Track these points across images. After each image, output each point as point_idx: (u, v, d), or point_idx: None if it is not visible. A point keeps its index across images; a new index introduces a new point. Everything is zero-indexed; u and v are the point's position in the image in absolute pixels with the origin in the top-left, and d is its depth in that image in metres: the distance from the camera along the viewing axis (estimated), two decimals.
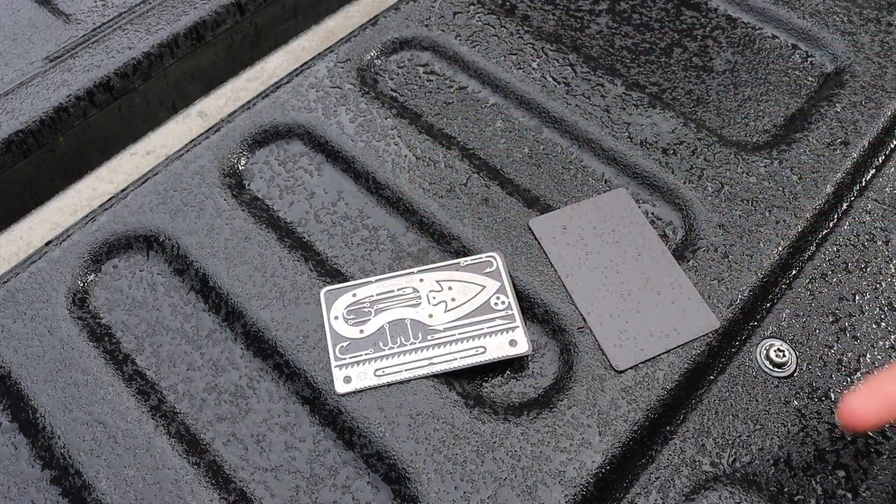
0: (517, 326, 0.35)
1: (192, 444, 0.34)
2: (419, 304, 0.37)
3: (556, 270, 0.38)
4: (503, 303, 0.36)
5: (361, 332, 0.36)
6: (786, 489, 0.32)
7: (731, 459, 0.33)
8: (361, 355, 0.35)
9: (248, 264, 0.39)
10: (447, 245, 0.40)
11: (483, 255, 0.38)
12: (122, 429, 0.34)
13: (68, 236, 0.41)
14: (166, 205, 0.42)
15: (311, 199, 0.42)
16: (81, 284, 0.39)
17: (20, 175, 0.47)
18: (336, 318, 0.37)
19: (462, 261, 0.38)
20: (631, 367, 0.35)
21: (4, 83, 0.48)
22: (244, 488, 0.33)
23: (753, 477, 0.33)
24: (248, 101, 0.47)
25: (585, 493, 0.32)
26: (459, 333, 0.35)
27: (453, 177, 0.42)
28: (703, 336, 0.36)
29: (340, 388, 0.35)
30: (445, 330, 0.36)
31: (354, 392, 0.35)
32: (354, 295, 0.37)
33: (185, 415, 0.35)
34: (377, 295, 0.37)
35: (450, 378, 0.35)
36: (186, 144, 0.45)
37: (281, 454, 0.34)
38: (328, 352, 0.36)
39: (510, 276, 0.37)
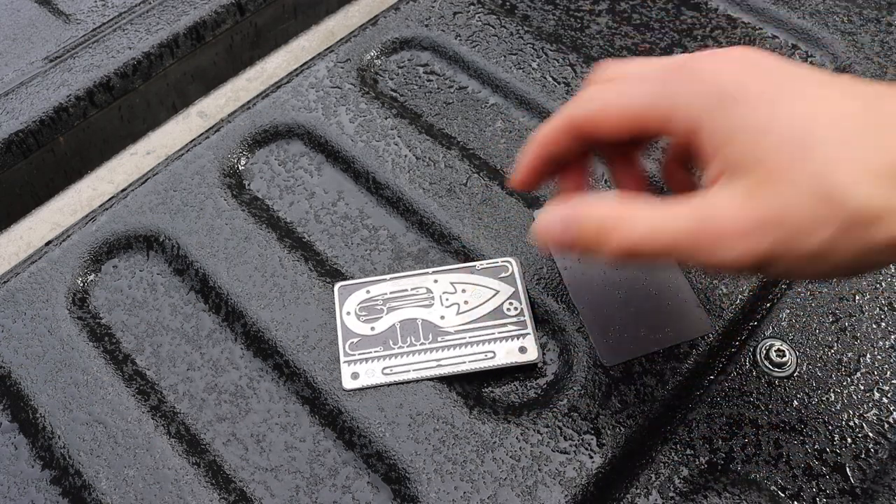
0: (528, 333, 0.35)
1: (192, 444, 0.34)
2: (432, 304, 0.37)
3: (555, 264, 0.38)
4: (516, 309, 0.36)
5: (372, 329, 0.36)
6: (786, 489, 0.32)
7: (731, 459, 0.33)
8: (371, 352, 0.35)
9: (248, 264, 0.39)
10: (447, 245, 0.40)
11: (499, 260, 0.38)
12: (122, 429, 0.34)
13: (68, 236, 0.41)
14: (166, 205, 0.42)
15: (311, 199, 0.42)
16: (81, 284, 0.39)
17: (20, 175, 0.47)
18: (348, 313, 0.37)
19: (477, 264, 0.38)
20: (618, 364, 0.35)
21: (4, 83, 0.48)
22: (244, 488, 0.33)
23: (753, 477, 0.33)
24: (248, 101, 0.47)
25: (585, 493, 0.32)
26: (470, 337, 0.35)
27: (453, 177, 0.42)
28: (696, 339, 0.36)
29: (348, 383, 0.35)
30: (456, 332, 0.36)
31: (361, 389, 0.35)
32: (368, 291, 0.37)
33: (185, 415, 0.35)
34: (391, 293, 0.37)
35: (450, 378, 0.35)
36: (186, 144, 0.45)
37: (281, 454, 0.34)
38: (338, 346, 0.36)
39: (525, 282, 0.37)
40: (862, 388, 0.35)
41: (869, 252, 0.24)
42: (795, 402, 0.35)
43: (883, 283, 0.38)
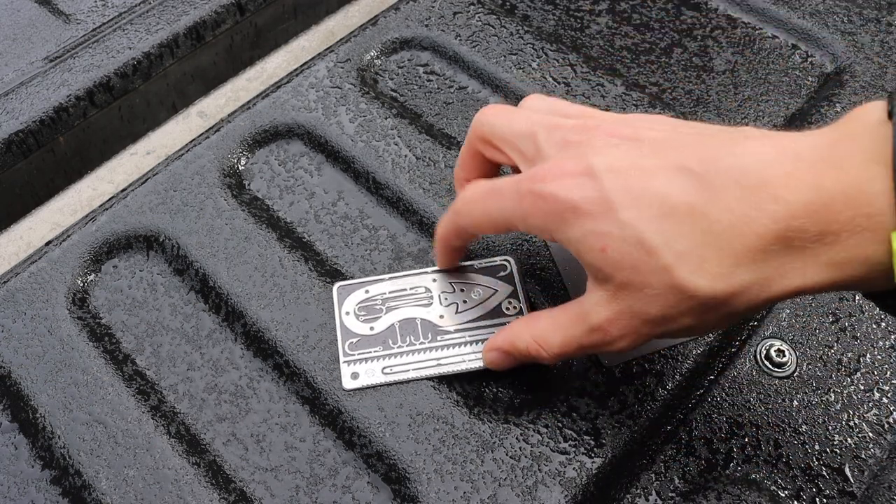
0: None
1: (192, 444, 0.34)
2: (431, 304, 0.37)
3: (554, 264, 0.38)
4: (514, 307, 0.36)
5: (372, 328, 0.36)
6: (786, 489, 0.32)
7: (731, 459, 0.33)
8: (370, 352, 0.35)
9: (248, 264, 0.39)
10: None
11: (497, 259, 0.38)
12: (122, 429, 0.34)
13: (68, 236, 0.41)
14: (166, 205, 0.42)
15: (311, 199, 0.42)
16: (81, 284, 0.39)
17: (20, 175, 0.47)
18: (347, 313, 0.37)
19: (476, 263, 0.38)
20: (618, 364, 0.35)
21: (4, 83, 0.48)
22: (244, 488, 0.33)
23: (753, 477, 0.33)
24: (248, 101, 0.47)
25: (585, 493, 0.32)
26: (469, 336, 0.35)
27: (453, 177, 0.42)
28: (692, 340, 0.36)
29: (348, 383, 0.35)
30: (455, 332, 0.36)
31: (361, 388, 0.35)
32: (367, 291, 0.37)
33: (185, 415, 0.35)
34: (390, 293, 0.37)
35: (450, 378, 0.35)
36: (186, 144, 0.45)
37: (281, 454, 0.34)
38: (337, 347, 0.36)
39: (523, 281, 0.37)
40: (862, 388, 0.35)
41: (737, 316, 0.27)
42: (795, 402, 0.35)
43: None
